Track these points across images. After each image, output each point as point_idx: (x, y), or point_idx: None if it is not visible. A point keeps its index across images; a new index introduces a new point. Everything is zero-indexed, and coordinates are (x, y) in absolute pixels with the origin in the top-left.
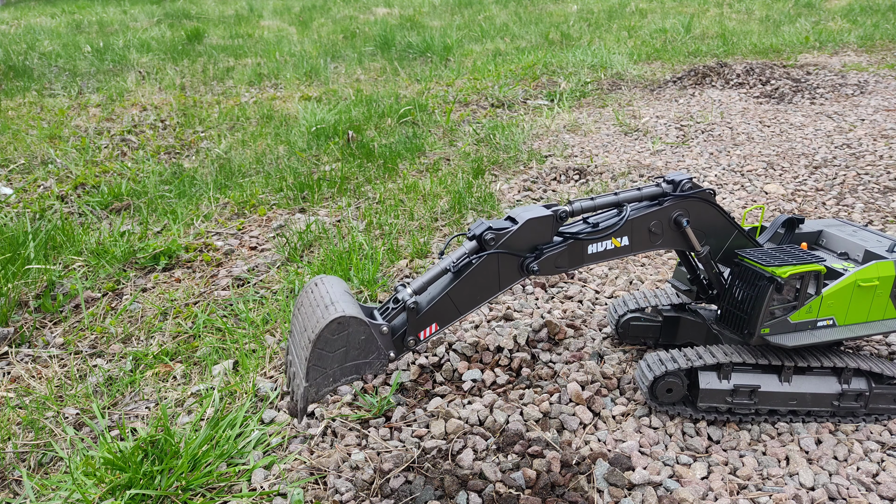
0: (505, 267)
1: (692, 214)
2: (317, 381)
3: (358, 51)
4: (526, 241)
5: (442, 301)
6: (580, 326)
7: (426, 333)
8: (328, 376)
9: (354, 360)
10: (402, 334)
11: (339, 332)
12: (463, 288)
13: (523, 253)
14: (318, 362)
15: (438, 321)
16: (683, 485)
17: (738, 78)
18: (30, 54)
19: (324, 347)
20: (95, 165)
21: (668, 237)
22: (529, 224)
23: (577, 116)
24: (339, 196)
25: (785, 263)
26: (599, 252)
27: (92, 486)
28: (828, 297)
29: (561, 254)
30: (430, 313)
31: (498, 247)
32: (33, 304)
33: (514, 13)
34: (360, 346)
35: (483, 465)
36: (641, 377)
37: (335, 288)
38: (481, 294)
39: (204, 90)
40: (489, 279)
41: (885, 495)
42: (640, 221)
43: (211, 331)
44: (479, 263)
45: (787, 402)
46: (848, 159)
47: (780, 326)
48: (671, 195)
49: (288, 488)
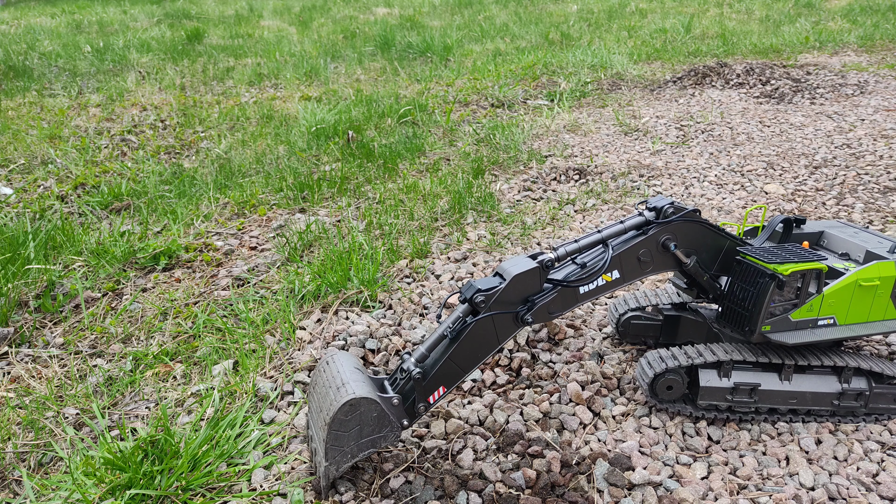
0: (500, 323)
1: (679, 236)
2: (336, 460)
3: (358, 51)
4: (516, 296)
5: (445, 365)
6: (580, 326)
7: (434, 398)
8: (346, 454)
9: (369, 436)
10: (412, 402)
11: (352, 414)
12: (462, 350)
13: (516, 307)
14: (334, 443)
15: (445, 384)
16: (683, 485)
17: (738, 78)
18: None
19: (339, 429)
20: (95, 165)
21: (657, 262)
22: (517, 279)
23: (577, 116)
24: (339, 196)
25: (786, 261)
26: (591, 290)
27: (92, 486)
28: (829, 296)
29: (553, 300)
30: (435, 378)
31: (490, 307)
32: (33, 304)
33: (514, 13)
34: (374, 423)
35: (483, 465)
36: (642, 374)
37: (345, 365)
38: (482, 351)
39: (204, 90)
40: (487, 337)
41: (885, 495)
42: (628, 253)
43: (211, 331)
44: (474, 326)
45: (788, 400)
46: (848, 159)
47: (781, 324)
48: (654, 222)
49: (288, 488)
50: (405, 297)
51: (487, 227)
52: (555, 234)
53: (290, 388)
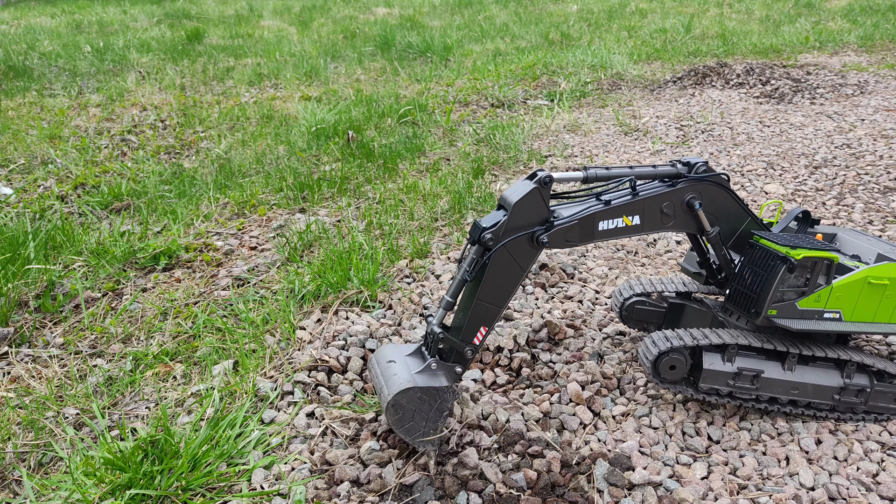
0: (518, 252)
1: (705, 198)
2: (417, 440)
3: (358, 51)
4: (524, 221)
5: (476, 307)
6: (580, 326)
7: (479, 339)
8: (421, 432)
9: (430, 409)
10: (456, 353)
11: (400, 409)
12: (489, 288)
13: (529, 229)
14: (406, 432)
15: (484, 324)
16: (683, 485)
17: (738, 78)
18: (30, 54)
19: (400, 424)
20: (95, 165)
21: (679, 219)
22: (519, 207)
23: (577, 116)
24: (339, 196)
25: (799, 247)
26: (610, 229)
27: (92, 486)
28: (837, 289)
29: (572, 228)
30: (472, 323)
31: (500, 242)
32: (33, 304)
33: (514, 13)
34: (422, 400)
35: (483, 465)
36: (645, 352)
37: (381, 363)
38: (508, 283)
39: (204, 90)
40: (509, 268)
41: (885, 495)
42: (652, 201)
43: (211, 331)
44: (492, 262)
45: (789, 390)
46: (848, 159)
47: (788, 310)
48: (686, 177)
49: (291, 486)
50: (405, 297)
51: None
52: None
53: (290, 388)
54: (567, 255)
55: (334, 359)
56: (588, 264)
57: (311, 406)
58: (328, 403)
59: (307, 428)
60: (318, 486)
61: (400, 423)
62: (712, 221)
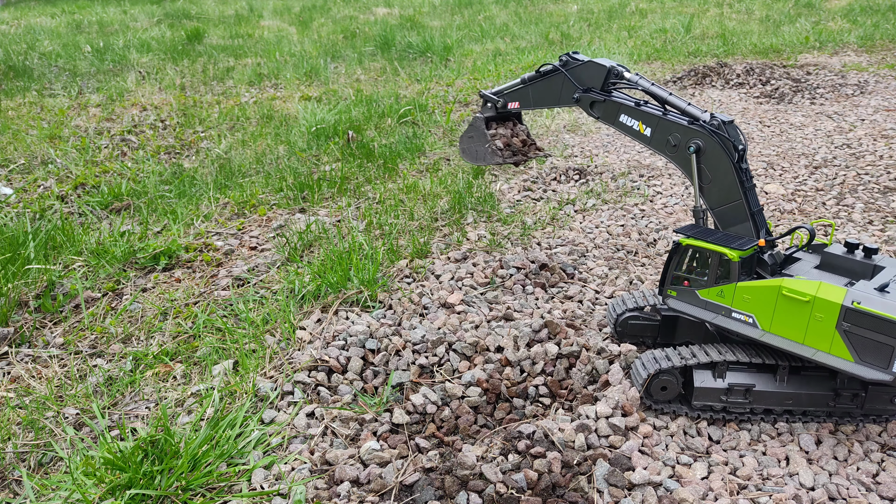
0: (564, 88)
1: (708, 152)
2: (472, 156)
3: (358, 51)
4: (584, 76)
5: (524, 89)
6: (580, 326)
7: (512, 105)
8: (477, 148)
9: (476, 142)
10: (497, 98)
11: (469, 129)
12: (536, 88)
13: (581, 87)
14: (467, 146)
15: (520, 101)
16: (683, 485)
17: (738, 78)
18: (30, 54)
19: (465, 144)
20: (95, 165)
21: (680, 155)
22: (590, 64)
23: (576, 116)
24: (339, 196)
25: (702, 238)
26: (626, 125)
27: (92, 486)
28: (743, 290)
29: (600, 103)
30: (511, 95)
31: (565, 69)
32: (33, 304)
33: (514, 13)
34: (476, 129)
35: (484, 465)
36: (636, 375)
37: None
38: (546, 99)
39: (204, 90)
40: (552, 91)
41: (885, 495)
42: (666, 124)
43: (211, 331)
44: (548, 77)
45: (783, 401)
46: (848, 159)
47: (687, 296)
48: (700, 122)
49: (291, 486)
50: (405, 297)
51: (487, 227)
52: (555, 234)
53: (290, 388)
54: (567, 256)
55: (334, 359)
56: (588, 264)
57: (311, 406)
58: (328, 403)
59: (307, 428)
60: (318, 486)
61: (465, 144)
62: (707, 179)
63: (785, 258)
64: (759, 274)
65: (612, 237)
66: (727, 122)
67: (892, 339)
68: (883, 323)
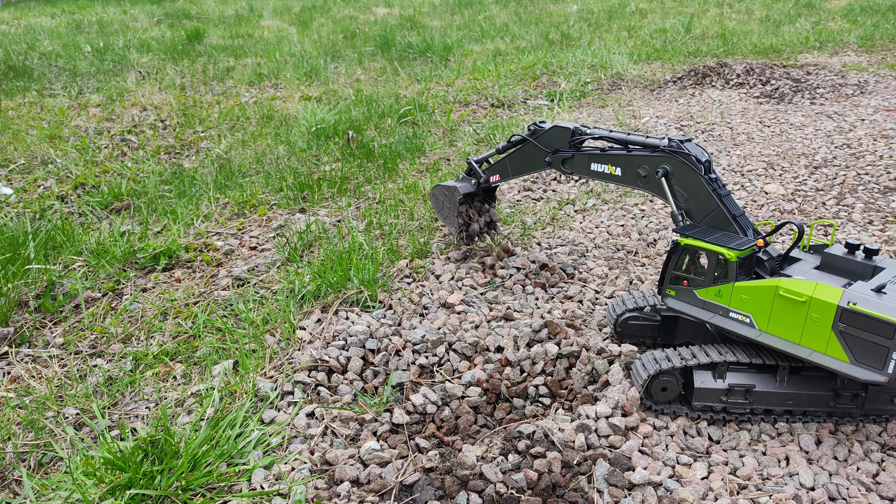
0: (538, 155)
1: (676, 173)
2: (446, 219)
3: (358, 51)
4: (552, 139)
5: (501, 162)
6: (580, 326)
7: (492, 180)
8: (448, 214)
9: (447, 203)
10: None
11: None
12: (513, 159)
13: (549, 149)
14: (440, 211)
15: (499, 174)
16: (683, 485)
17: (738, 78)
18: (30, 54)
19: (434, 202)
20: (95, 165)
21: (651, 183)
22: (555, 128)
23: (577, 116)
24: (339, 196)
25: (699, 238)
26: (598, 171)
27: (92, 486)
28: (741, 290)
29: (570, 159)
30: (493, 169)
31: (533, 137)
32: (33, 304)
33: (514, 13)
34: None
35: (484, 465)
36: (636, 376)
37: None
38: (522, 168)
39: (204, 90)
40: (526, 159)
41: (885, 495)
42: (632, 160)
43: (211, 331)
44: (520, 147)
45: (783, 402)
46: (848, 159)
47: (686, 296)
48: (661, 149)
49: (291, 486)
50: (405, 297)
51: None
52: (555, 234)
53: (290, 388)
54: (567, 256)
55: (334, 359)
56: (588, 264)
57: (311, 406)
58: (328, 403)
59: (307, 428)
60: (318, 486)
61: (435, 202)
62: (683, 198)
63: (785, 258)
64: (759, 274)
65: (612, 237)
66: (685, 141)
67: (887, 341)
68: (878, 324)
